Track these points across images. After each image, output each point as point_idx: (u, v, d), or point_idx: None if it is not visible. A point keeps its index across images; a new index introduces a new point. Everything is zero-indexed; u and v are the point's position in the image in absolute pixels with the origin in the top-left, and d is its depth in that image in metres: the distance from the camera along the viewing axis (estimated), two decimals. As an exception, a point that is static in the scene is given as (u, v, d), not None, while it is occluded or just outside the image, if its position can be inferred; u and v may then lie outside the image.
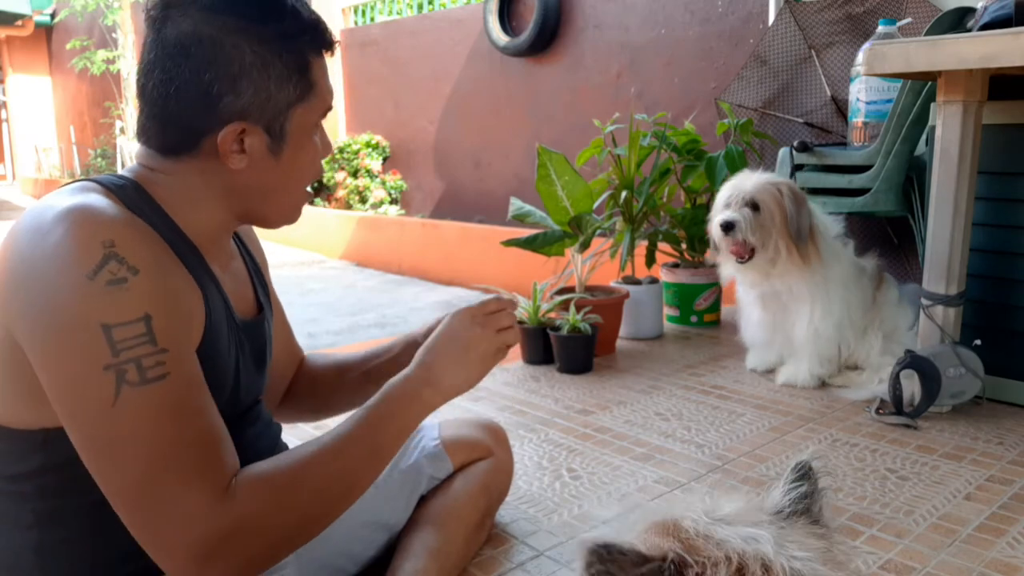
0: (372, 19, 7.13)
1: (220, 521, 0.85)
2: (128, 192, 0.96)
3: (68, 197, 0.90)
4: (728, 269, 2.46)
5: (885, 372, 2.25)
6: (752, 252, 2.35)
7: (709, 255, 2.45)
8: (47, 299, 0.83)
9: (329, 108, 1.05)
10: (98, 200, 0.90)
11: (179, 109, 0.96)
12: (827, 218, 2.48)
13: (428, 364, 1.08)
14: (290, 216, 1.10)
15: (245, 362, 1.08)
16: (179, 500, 0.83)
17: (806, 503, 0.68)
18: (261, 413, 1.19)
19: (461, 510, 1.38)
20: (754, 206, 2.30)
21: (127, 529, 0.86)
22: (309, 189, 1.12)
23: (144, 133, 1.00)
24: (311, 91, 1.00)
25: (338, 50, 1.09)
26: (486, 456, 1.49)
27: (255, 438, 1.13)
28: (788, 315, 2.46)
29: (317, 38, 1.00)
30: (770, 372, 2.55)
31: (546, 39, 5.03)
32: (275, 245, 6.97)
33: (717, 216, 2.34)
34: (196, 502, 0.84)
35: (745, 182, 2.34)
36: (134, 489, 0.84)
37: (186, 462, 0.85)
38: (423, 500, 1.39)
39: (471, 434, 1.50)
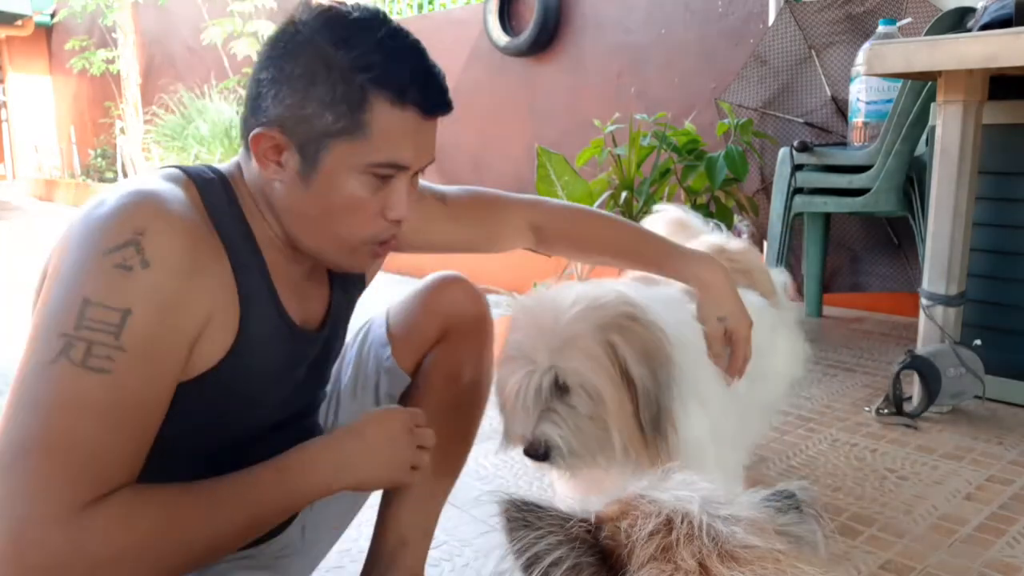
0: (372, 19, 7.12)
1: (71, 532, 0.77)
2: (213, 187, 0.97)
3: (148, 180, 0.92)
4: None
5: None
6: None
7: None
8: (69, 255, 0.86)
9: (395, 165, 0.95)
10: (169, 191, 0.91)
11: (247, 101, 0.97)
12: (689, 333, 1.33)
13: (348, 451, 0.99)
14: (340, 261, 1.03)
15: (299, 373, 1.07)
16: (36, 489, 0.77)
17: (773, 512, 0.67)
18: (308, 423, 1.16)
19: (438, 431, 1.19)
20: (564, 388, 1.19)
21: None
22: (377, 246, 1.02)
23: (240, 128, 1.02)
24: (360, 131, 0.92)
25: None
26: (439, 340, 1.29)
27: (290, 444, 1.05)
28: None
29: (389, 79, 0.92)
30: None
31: (546, 39, 5.03)
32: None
33: (512, 427, 1.28)
34: (48, 501, 0.77)
35: (537, 335, 1.20)
36: (9, 453, 0.79)
37: (69, 464, 0.79)
38: None
39: (417, 317, 1.31)
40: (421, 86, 0.94)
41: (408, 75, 0.93)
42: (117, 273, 0.83)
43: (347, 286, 1.16)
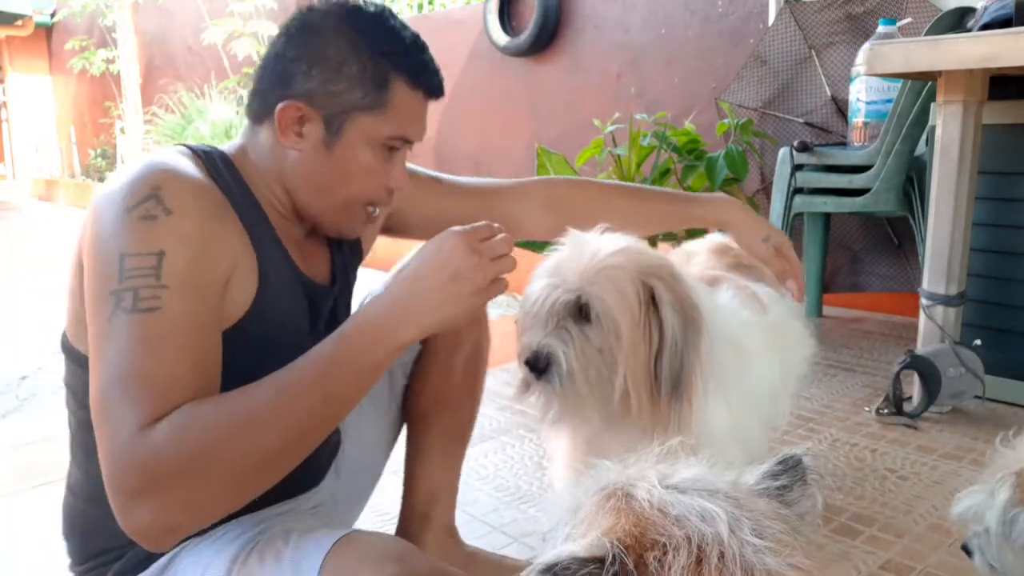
0: (372, 19, 7.12)
1: (143, 450, 0.83)
2: (213, 158, 1.07)
3: (157, 153, 1.02)
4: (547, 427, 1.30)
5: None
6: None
7: (518, 391, 1.25)
8: (98, 227, 0.94)
9: (405, 138, 1.10)
10: (175, 158, 1.01)
11: (266, 78, 1.08)
12: (729, 312, 1.34)
13: (409, 294, 0.95)
14: (340, 224, 1.14)
15: (313, 323, 1.14)
16: (113, 416, 0.86)
17: (780, 493, 0.66)
18: None
19: (446, 395, 1.37)
20: (584, 315, 1.16)
21: None
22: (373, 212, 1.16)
23: (246, 106, 1.13)
24: (383, 106, 1.06)
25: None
26: None
27: None
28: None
29: (407, 65, 1.07)
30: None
31: (546, 39, 5.03)
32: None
33: (523, 337, 1.22)
34: (125, 427, 0.85)
35: (573, 260, 1.17)
36: (97, 403, 0.88)
37: (136, 390, 0.86)
38: (409, 391, 1.39)
39: None
40: (430, 73, 1.10)
41: (420, 62, 1.09)
42: (144, 224, 0.91)
43: (345, 249, 1.25)
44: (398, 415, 1.41)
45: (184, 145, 1.08)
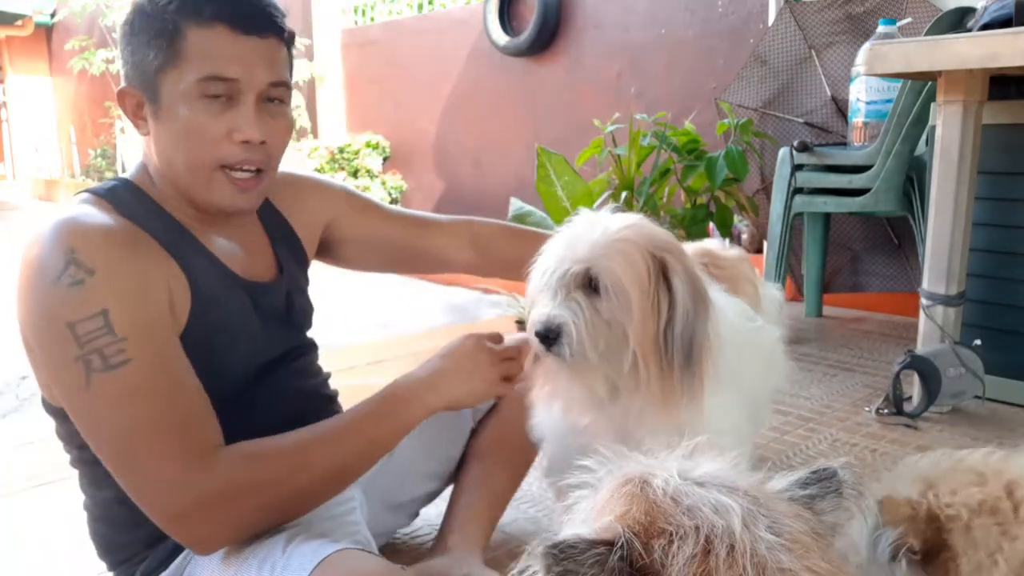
0: (372, 19, 7.12)
1: (193, 488, 0.94)
2: (118, 193, 1.08)
3: (62, 211, 1.03)
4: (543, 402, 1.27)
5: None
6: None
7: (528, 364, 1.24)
8: (32, 303, 0.98)
9: (217, 77, 1.03)
10: (78, 210, 1.03)
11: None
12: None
13: (436, 372, 1.16)
14: (211, 197, 1.09)
15: (263, 319, 1.17)
16: (153, 469, 0.94)
17: (808, 501, 0.66)
18: (296, 364, 1.26)
19: (506, 437, 1.44)
20: (594, 287, 1.15)
21: None
22: (248, 175, 1.10)
23: None
24: (179, 58, 1.02)
25: (338, 49, 1.10)
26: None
27: (288, 383, 1.22)
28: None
29: (192, 7, 1.02)
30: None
31: (546, 39, 5.03)
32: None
33: (533, 310, 1.20)
34: (169, 470, 0.93)
35: (585, 235, 1.17)
36: (115, 459, 0.96)
37: (157, 435, 0.94)
38: (473, 434, 1.49)
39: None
40: (223, 3, 1.03)
41: (208, 1, 1.03)
42: (75, 290, 0.95)
43: (282, 242, 1.27)
44: (455, 450, 1.48)
45: (86, 191, 1.09)
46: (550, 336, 1.13)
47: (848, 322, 3.35)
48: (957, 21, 2.42)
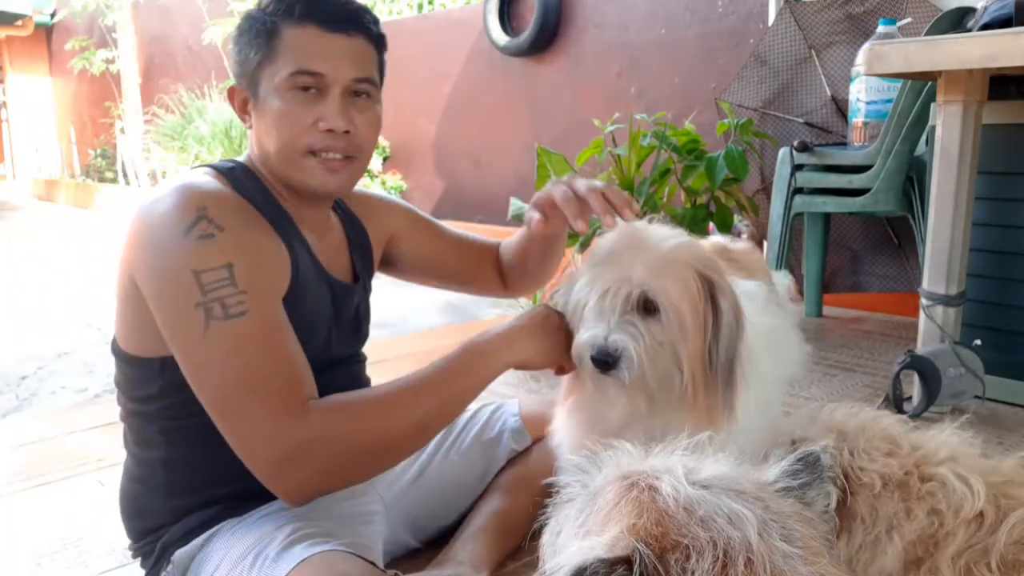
0: (372, 19, 7.12)
1: (291, 437, 0.99)
2: (236, 173, 1.18)
3: (182, 177, 1.12)
4: (565, 411, 1.30)
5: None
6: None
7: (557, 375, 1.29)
8: (156, 251, 1.05)
9: (307, 71, 1.13)
10: (203, 178, 1.12)
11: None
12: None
13: (511, 329, 1.20)
14: (302, 179, 1.17)
15: (339, 318, 1.25)
16: (256, 417, 0.99)
17: (801, 492, 0.65)
18: (352, 369, 1.34)
19: (531, 478, 1.44)
20: (647, 308, 1.14)
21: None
22: (330, 158, 1.18)
23: None
24: (274, 55, 1.13)
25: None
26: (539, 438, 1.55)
27: (343, 386, 1.21)
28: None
29: (287, 9, 1.13)
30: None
31: (546, 39, 5.03)
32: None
33: (586, 331, 1.16)
34: (271, 419, 0.99)
35: (632, 253, 1.15)
36: (221, 404, 1.02)
37: (263, 385, 1.00)
38: (501, 470, 1.51)
39: (548, 411, 1.54)
40: (313, 5, 1.14)
41: (301, 2, 1.14)
42: (205, 242, 1.03)
43: (360, 253, 1.36)
44: (480, 486, 1.50)
45: (208, 166, 1.19)
46: (610, 360, 1.12)
47: (848, 322, 3.35)
48: (957, 21, 2.42)
